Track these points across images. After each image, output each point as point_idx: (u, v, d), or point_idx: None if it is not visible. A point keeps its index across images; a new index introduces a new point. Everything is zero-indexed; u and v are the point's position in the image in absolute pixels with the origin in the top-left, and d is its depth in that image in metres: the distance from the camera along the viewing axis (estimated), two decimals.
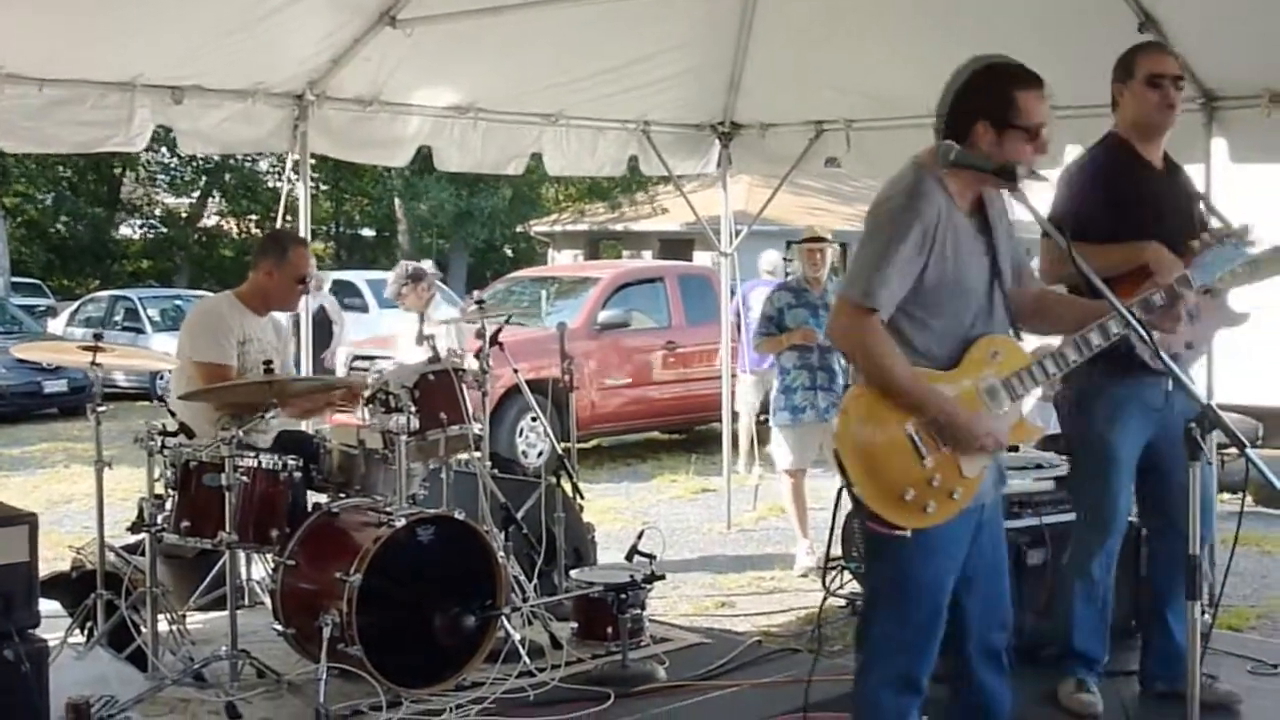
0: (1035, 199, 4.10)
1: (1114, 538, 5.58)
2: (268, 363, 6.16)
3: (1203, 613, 3.85)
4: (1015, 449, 6.34)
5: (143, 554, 5.94)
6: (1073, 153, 7.66)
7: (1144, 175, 5.37)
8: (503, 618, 5.94)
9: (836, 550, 7.46)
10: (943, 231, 3.93)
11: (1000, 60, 4.05)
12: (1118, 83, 5.45)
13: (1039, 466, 6.69)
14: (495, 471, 7.17)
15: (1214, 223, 5.46)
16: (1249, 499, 9.13)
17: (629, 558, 6.90)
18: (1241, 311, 5.40)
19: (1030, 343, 4.30)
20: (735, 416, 11.63)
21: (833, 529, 7.40)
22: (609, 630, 6.30)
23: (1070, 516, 6.57)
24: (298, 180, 8.51)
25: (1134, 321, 3.90)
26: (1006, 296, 4.16)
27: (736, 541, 10.21)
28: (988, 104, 3.97)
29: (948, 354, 4.03)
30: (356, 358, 13.91)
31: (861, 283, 3.90)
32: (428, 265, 10.28)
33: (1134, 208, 5.23)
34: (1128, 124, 5.44)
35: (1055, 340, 4.28)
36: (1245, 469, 3.63)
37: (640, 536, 7.01)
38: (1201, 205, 5.50)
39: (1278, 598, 8.21)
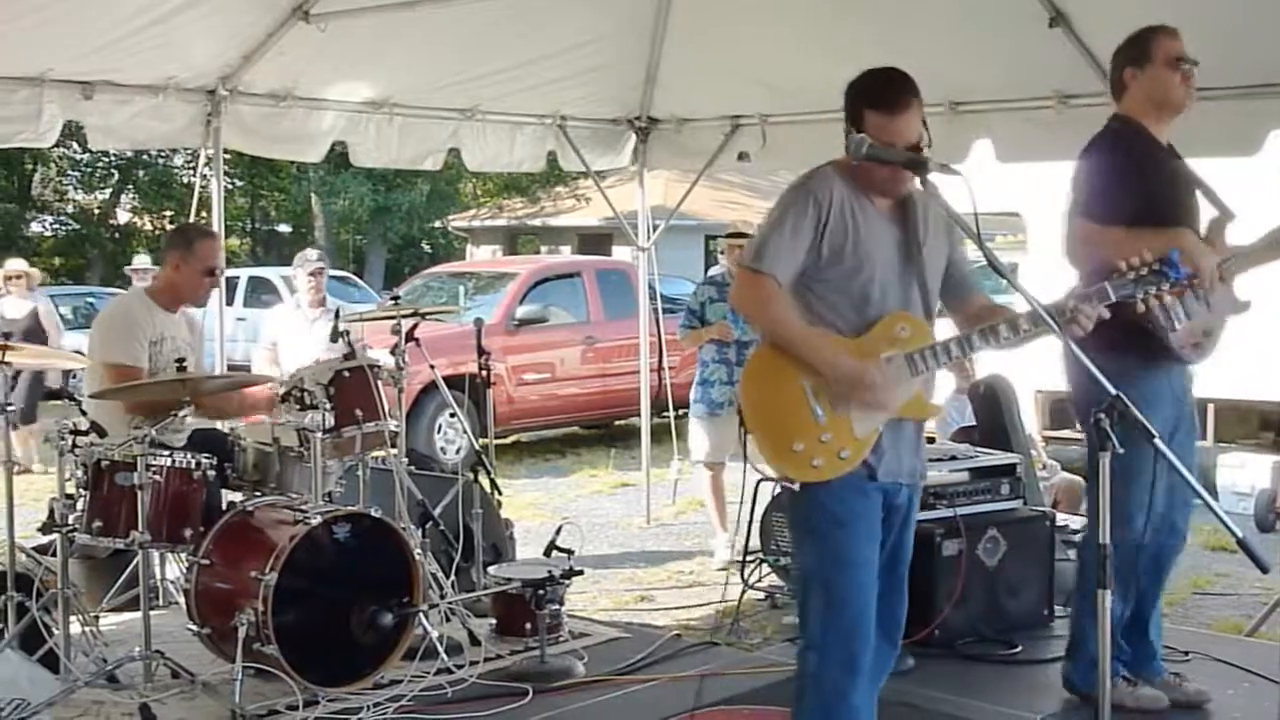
0: (947, 192, 4.17)
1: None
2: (180, 360, 6.09)
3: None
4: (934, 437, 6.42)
5: (54, 555, 5.86)
6: (981, 147, 7.77)
7: (1162, 155, 5.22)
8: (420, 615, 5.92)
9: (755, 543, 7.51)
10: (839, 213, 4.13)
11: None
12: (1130, 67, 5.19)
13: (953, 458, 6.77)
14: (412, 468, 7.13)
15: (1213, 209, 5.40)
16: None
17: (547, 553, 6.90)
18: (1244, 300, 5.33)
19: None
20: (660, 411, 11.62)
21: (750, 522, 7.44)
22: (527, 626, 6.30)
23: (987, 507, 6.70)
24: (211, 176, 8.44)
25: (1046, 316, 3.96)
26: (926, 289, 4.27)
27: (656, 536, 10.22)
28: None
29: (850, 326, 4.18)
30: None
31: (754, 250, 4.20)
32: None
33: (1157, 188, 5.08)
34: (1141, 106, 5.21)
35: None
36: (1153, 458, 3.68)
37: (558, 532, 7.01)
38: (1199, 191, 5.43)
39: (1188, 586, 8.33)
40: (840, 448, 4.12)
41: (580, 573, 6.52)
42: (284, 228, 43.43)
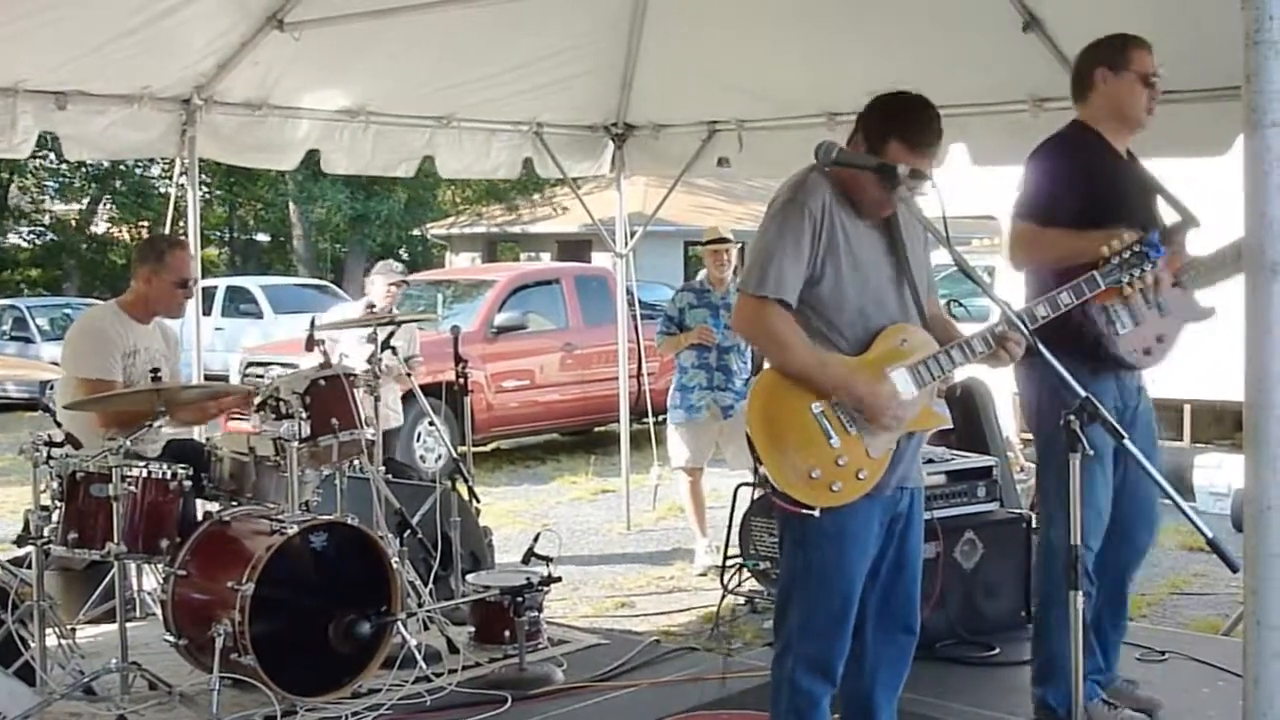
0: (920, 200, 4.18)
1: (1098, 536, 5.21)
2: (154, 371, 6.07)
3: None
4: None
5: (30, 567, 5.83)
6: (957, 150, 7.79)
7: (1113, 162, 5.16)
8: (399, 623, 5.91)
9: (735, 548, 7.51)
10: (830, 223, 4.04)
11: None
12: (1104, 68, 5.11)
13: (930, 461, 6.77)
14: (390, 477, 7.12)
15: (1173, 214, 5.35)
16: None
17: (525, 560, 6.90)
18: (1207, 306, 5.27)
19: None
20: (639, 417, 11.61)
21: (730, 527, 7.45)
22: (506, 634, 6.28)
23: (964, 509, 6.71)
24: (188, 185, 8.42)
25: (1015, 318, 3.97)
26: (917, 294, 4.23)
27: (636, 541, 10.22)
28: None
29: (853, 342, 4.11)
30: (250, 364, 13.76)
31: (755, 274, 4.05)
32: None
33: (1102, 192, 5.02)
34: (1103, 111, 5.15)
35: None
36: (1123, 460, 3.70)
37: (537, 539, 7.01)
38: (1159, 197, 5.38)
39: (1167, 586, 8.37)
40: (857, 468, 4.06)
41: (559, 579, 6.52)
42: (262, 236, 43.29)
